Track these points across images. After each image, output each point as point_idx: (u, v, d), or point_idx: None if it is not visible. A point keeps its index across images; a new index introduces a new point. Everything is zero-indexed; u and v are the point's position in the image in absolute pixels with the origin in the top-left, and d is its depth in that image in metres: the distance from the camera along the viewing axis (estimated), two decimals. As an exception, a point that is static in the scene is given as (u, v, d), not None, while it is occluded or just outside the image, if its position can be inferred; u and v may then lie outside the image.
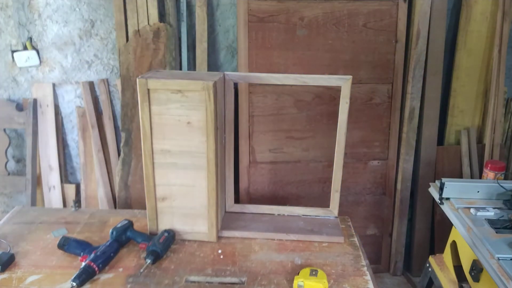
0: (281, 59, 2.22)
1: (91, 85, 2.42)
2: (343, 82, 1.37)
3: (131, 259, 1.31)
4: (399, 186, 2.45)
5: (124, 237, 1.35)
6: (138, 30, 2.25)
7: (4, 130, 2.42)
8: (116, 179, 2.37)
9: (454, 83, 2.43)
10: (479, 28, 2.35)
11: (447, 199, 1.75)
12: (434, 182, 1.89)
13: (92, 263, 1.20)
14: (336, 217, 1.54)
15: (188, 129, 1.29)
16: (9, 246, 1.34)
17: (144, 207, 1.42)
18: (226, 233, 1.44)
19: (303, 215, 1.55)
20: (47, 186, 2.48)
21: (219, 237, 1.43)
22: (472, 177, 2.44)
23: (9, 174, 2.46)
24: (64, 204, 2.51)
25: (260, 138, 2.30)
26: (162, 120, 1.28)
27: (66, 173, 2.57)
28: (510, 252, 1.37)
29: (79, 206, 1.69)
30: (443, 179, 1.74)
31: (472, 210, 1.65)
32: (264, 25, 2.17)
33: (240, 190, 2.34)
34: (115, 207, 2.46)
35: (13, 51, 2.36)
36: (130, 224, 1.38)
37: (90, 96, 2.40)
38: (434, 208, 2.51)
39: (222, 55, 2.42)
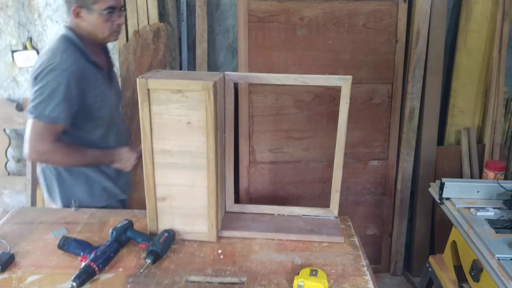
0: (281, 59, 2.22)
1: (91, 85, 2.42)
2: (343, 82, 1.37)
3: (131, 259, 1.31)
4: (399, 186, 2.46)
5: (124, 237, 1.35)
6: (138, 30, 2.25)
7: (4, 130, 2.42)
8: (116, 179, 2.36)
9: (454, 83, 2.43)
10: (479, 28, 2.35)
11: (447, 199, 1.75)
12: (434, 182, 1.89)
13: (92, 263, 1.19)
14: (336, 217, 1.54)
15: (188, 129, 1.29)
16: (9, 246, 1.34)
17: (144, 207, 1.42)
18: (226, 233, 1.44)
19: (303, 215, 1.55)
20: (47, 186, 2.48)
21: (219, 237, 1.43)
22: (472, 177, 2.44)
23: (9, 174, 2.46)
24: (64, 204, 2.51)
25: (260, 138, 2.30)
26: (162, 120, 1.28)
27: (66, 173, 2.57)
28: (510, 252, 1.37)
29: (79, 206, 1.69)
30: (443, 179, 1.75)
31: (472, 210, 1.65)
32: (264, 25, 2.17)
33: (240, 190, 2.34)
34: (115, 207, 2.45)
35: (13, 51, 2.36)
36: (130, 224, 1.38)
37: (90, 96, 2.40)
38: (434, 208, 2.51)
39: (222, 55, 2.42)
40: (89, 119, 1.57)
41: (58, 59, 1.46)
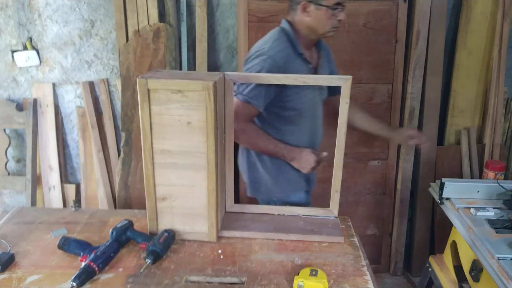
0: (281, 59, 2.22)
1: (91, 85, 2.42)
2: (343, 82, 1.37)
3: (131, 259, 1.30)
4: (399, 186, 2.45)
5: (124, 237, 1.35)
6: (138, 30, 2.25)
7: (4, 130, 2.42)
8: (116, 179, 2.37)
9: (454, 83, 2.43)
10: (479, 28, 2.35)
11: (447, 199, 1.75)
12: (434, 182, 1.89)
13: (92, 263, 1.19)
14: (336, 217, 1.54)
15: (188, 129, 1.29)
16: (9, 246, 1.34)
17: (144, 207, 1.42)
18: (226, 233, 1.44)
19: (303, 215, 1.55)
20: (47, 186, 2.48)
21: (219, 237, 1.43)
22: (472, 177, 2.44)
23: (9, 174, 2.46)
24: (64, 204, 2.52)
25: (260, 138, 2.29)
26: (162, 120, 1.28)
27: (66, 173, 2.57)
28: (510, 252, 1.37)
29: (79, 206, 1.69)
30: (443, 179, 1.74)
31: (472, 210, 1.65)
32: (264, 25, 2.17)
33: (240, 190, 2.34)
34: (115, 207, 2.46)
35: (13, 51, 2.36)
36: (130, 224, 1.38)
37: (90, 96, 2.40)
38: (434, 208, 2.51)
39: (222, 55, 2.42)
40: (283, 109, 1.62)
41: (268, 46, 1.55)
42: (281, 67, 1.53)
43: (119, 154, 2.41)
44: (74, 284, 1.14)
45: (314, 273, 1.18)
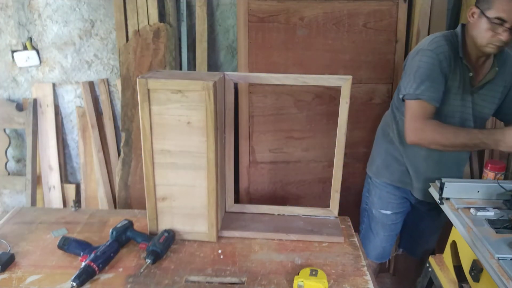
0: (281, 59, 2.22)
1: (91, 85, 2.42)
2: (343, 82, 1.37)
3: (131, 259, 1.31)
4: (399, 186, 2.45)
5: (124, 237, 1.35)
6: (138, 30, 2.25)
7: (4, 130, 2.42)
8: (116, 179, 2.37)
9: (454, 83, 2.42)
10: (479, 28, 2.34)
11: (447, 199, 1.74)
12: (434, 182, 1.89)
13: (92, 263, 1.20)
14: (336, 217, 1.54)
15: (188, 129, 1.29)
16: (9, 246, 1.34)
17: (144, 207, 1.42)
18: (226, 233, 1.44)
19: (303, 215, 1.56)
20: (47, 186, 2.48)
21: (219, 237, 1.43)
22: (472, 177, 2.43)
23: (9, 174, 2.46)
24: (64, 204, 2.52)
25: (260, 138, 2.29)
26: (162, 120, 1.29)
27: (66, 173, 2.57)
28: (510, 252, 1.37)
29: (79, 206, 1.69)
30: (443, 179, 1.74)
31: (472, 210, 1.65)
32: (264, 25, 2.17)
33: (240, 190, 2.34)
34: (115, 207, 2.46)
35: (13, 51, 2.36)
36: (130, 224, 1.38)
37: (90, 96, 2.40)
38: (434, 208, 2.50)
39: (222, 55, 2.42)
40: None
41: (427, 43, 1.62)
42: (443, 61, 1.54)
43: (119, 154, 2.41)
44: (74, 284, 1.14)
45: (314, 273, 1.18)
